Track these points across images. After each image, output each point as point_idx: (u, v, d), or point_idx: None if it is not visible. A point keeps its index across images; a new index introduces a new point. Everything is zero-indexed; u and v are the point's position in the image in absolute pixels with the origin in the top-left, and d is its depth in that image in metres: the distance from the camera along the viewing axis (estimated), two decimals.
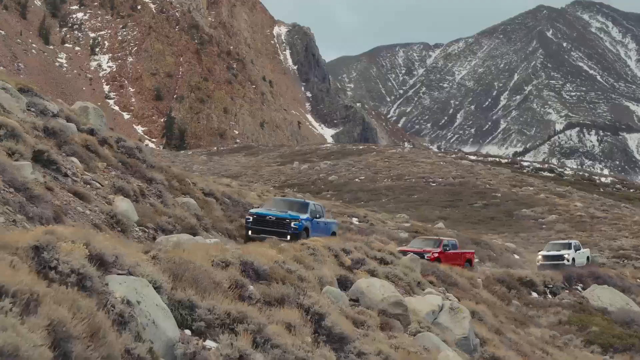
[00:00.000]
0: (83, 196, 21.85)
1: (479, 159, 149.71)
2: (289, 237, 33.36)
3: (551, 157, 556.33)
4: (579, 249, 57.24)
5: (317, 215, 37.97)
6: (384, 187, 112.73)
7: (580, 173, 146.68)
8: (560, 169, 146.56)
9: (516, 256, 59.49)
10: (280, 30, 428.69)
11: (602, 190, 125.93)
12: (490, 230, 78.58)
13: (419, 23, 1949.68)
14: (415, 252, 40.51)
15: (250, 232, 34.70)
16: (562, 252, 55.39)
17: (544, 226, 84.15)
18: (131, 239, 21.24)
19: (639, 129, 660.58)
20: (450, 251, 45.37)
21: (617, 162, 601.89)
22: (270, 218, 35.09)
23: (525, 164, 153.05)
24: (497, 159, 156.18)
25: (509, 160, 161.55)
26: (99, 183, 24.97)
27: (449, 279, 27.96)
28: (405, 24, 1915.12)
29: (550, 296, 37.52)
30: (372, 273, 21.04)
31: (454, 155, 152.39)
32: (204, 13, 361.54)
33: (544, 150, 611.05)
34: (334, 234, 39.98)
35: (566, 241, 59.78)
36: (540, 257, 55.43)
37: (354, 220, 59.68)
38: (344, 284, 18.37)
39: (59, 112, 28.56)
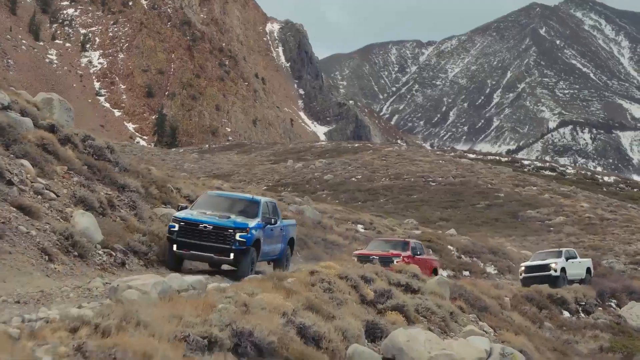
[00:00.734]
0: (30, 211, 17.17)
1: (479, 157, 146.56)
2: (231, 256, 25.59)
3: (544, 155, 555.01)
4: (574, 258, 50.01)
5: (272, 220, 28.43)
6: (382, 186, 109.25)
7: (583, 172, 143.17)
8: (562, 168, 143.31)
9: None
10: (273, 27, 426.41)
11: (605, 189, 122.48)
12: (495, 233, 74.70)
13: (412, 21, 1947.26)
14: (381, 257, 38.23)
15: (175, 247, 25.52)
16: (547, 260, 48.41)
17: (551, 229, 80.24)
18: (92, 266, 16.90)
19: (633, 127, 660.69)
20: (419, 256, 40.30)
21: (611, 160, 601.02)
22: (205, 227, 25.76)
23: (526, 162, 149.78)
24: (497, 158, 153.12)
25: (509, 158, 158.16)
26: (54, 193, 20.33)
27: (478, 302, 23.90)
28: (398, 22, 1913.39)
29: (583, 315, 33.25)
30: (401, 310, 16.90)
31: (452, 154, 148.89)
32: (196, 10, 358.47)
33: (537, 148, 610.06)
34: (292, 241, 31.86)
35: (557, 249, 53.06)
36: (522, 268, 48.66)
37: (360, 227, 55.21)
38: (372, 333, 14.15)
39: (11, 103, 23.20)
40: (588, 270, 51.21)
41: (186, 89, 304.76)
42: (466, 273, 50.30)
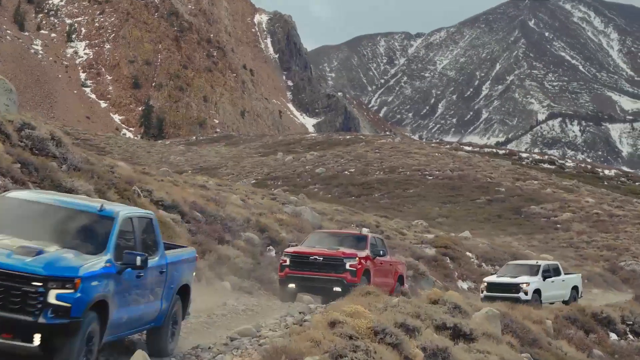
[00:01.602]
0: None
1: (475, 150, 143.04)
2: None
3: (533, 147, 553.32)
4: (556, 275, 40.79)
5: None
6: (376, 180, 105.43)
7: (583, 165, 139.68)
8: (561, 161, 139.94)
9: None
10: (261, 19, 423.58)
11: (606, 183, 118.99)
12: (500, 231, 70.85)
13: (401, 12, 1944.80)
14: (326, 258, 29.03)
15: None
16: (519, 279, 39.34)
17: (558, 226, 76.43)
18: None
19: (622, 120, 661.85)
20: (381, 257, 30.65)
21: (600, 153, 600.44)
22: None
23: (524, 155, 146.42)
24: (495, 150, 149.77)
25: (507, 151, 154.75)
26: None
27: (527, 334, 19.72)
28: (387, 14, 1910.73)
29: (631, 336, 28.95)
30: None
31: (448, 146, 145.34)
32: (183, 0, 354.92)
33: (526, 141, 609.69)
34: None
35: (534, 262, 43.21)
36: (485, 284, 39.92)
37: (365, 231, 48.11)
38: None
39: None
40: (575, 288, 42.12)
41: (173, 80, 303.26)
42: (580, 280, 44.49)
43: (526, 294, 38.58)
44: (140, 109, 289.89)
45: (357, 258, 28.56)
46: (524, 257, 49.39)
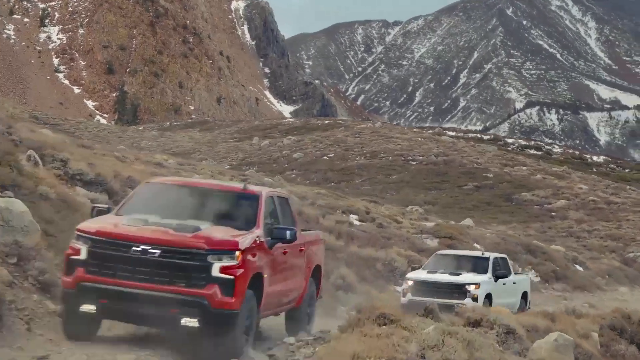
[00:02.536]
0: None
1: (459, 134, 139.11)
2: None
3: (511, 135, 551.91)
4: (506, 275, 30.36)
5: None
6: (357, 165, 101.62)
7: (570, 151, 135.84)
8: (548, 147, 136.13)
9: (577, 266, 43.57)
10: (238, 5, 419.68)
11: (595, 170, 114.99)
12: (491, 219, 66.39)
13: (379, 0, 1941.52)
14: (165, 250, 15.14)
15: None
16: (462, 277, 28.76)
17: (553, 214, 72.16)
18: None
19: (599, 108, 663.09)
20: (282, 244, 16.42)
21: (578, 141, 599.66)
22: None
23: (510, 140, 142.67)
24: (480, 135, 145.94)
25: (492, 136, 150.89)
26: None
27: (582, 354, 14.86)
28: (365, 1, 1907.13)
29: None
30: None
31: (431, 131, 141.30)
32: None
33: (504, 129, 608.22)
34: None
35: (477, 252, 33.48)
36: (410, 284, 28.93)
37: (354, 218, 40.75)
38: None
39: None
40: (524, 295, 32.19)
41: (148, 65, 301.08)
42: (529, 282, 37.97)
43: (475, 300, 27.66)
44: (114, 95, 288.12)
45: (236, 253, 14.22)
46: (542, 250, 42.61)
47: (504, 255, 33.16)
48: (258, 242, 14.86)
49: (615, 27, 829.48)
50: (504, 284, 30.40)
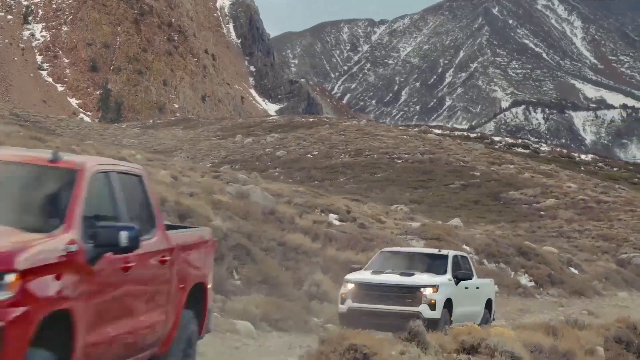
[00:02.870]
0: None
1: (445, 132, 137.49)
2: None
3: (497, 134, 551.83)
4: (469, 277, 25.67)
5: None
6: (341, 163, 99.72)
7: (558, 150, 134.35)
8: (535, 145, 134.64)
9: (573, 269, 41.34)
10: (224, 3, 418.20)
11: (583, 168, 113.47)
12: (479, 219, 64.60)
13: None
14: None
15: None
16: (414, 278, 23.98)
17: (542, 213, 70.28)
18: None
19: (585, 107, 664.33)
20: (117, 254, 9.51)
21: (563, 141, 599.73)
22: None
23: (496, 139, 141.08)
24: (466, 133, 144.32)
25: (479, 134, 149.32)
26: None
27: None
28: (351, 0, 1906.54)
29: None
30: None
31: (417, 129, 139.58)
32: None
33: (489, 128, 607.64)
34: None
35: (432, 250, 27.95)
36: (349, 287, 23.91)
37: (333, 218, 37.95)
38: None
39: None
40: (488, 304, 27.13)
41: (132, 63, 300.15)
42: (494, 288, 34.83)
43: (432, 307, 23.12)
44: (98, 92, 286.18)
45: (8, 277, 7.89)
46: (535, 252, 39.87)
47: (465, 254, 28.54)
48: (66, 253, 8.56)
49: (601, 26, 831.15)
50: (466, 288, 25.11)
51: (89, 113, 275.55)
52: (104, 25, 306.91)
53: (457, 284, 24.54)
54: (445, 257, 25.40)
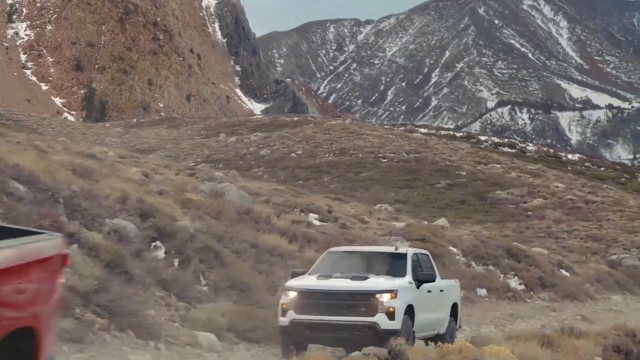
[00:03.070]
0: None
1: (431, 132, 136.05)
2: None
3: (483, 134, 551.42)
4: (432, 278, 21.98)
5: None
6: (326, 163, 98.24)
7: (545, 149, 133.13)
8: (522, 145, 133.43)
9: (564, 272, 39.79)
10: (210, 3, 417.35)
11: (570, 168, 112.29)
12: (465, 219, 63.33)
13: None
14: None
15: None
16: (369, 282, 20.32)
17: (530, 213, 69.00)
18: None
19: (571, 107, 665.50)
20: None
21: (549, 141, 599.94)
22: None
23: (483, 138, 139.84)
24: (452, 133, 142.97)
25: (465, 134, 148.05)
26: None
27: None
28: (336, 0, 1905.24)
29: None
30: None
31: (402, 128, 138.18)
32: None
33: (475, 128, 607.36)
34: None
35: (389, 249, 25.15)
36: (291, 296, 20.09)
37: (314, 217, 35.72)
38: None
39: None
40: (454, 309, 23.74)
41: (117, 62, 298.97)
42: (482, 291, 31.99)
43: (391, 316, 19.44)
44: (82, 92, 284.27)
45: None
46: (525, 254, 37.90)
47: (426, 252, 24.03)
48: None
49: (587, 26, 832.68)
50: (429, 291, 21.48)
51: (73, 112, 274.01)
52: (88, 24, 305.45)
53: (418, 287, 20.85)
54: (404, 256, 21.62)
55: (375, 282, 20.16)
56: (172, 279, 20.53)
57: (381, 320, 19.26)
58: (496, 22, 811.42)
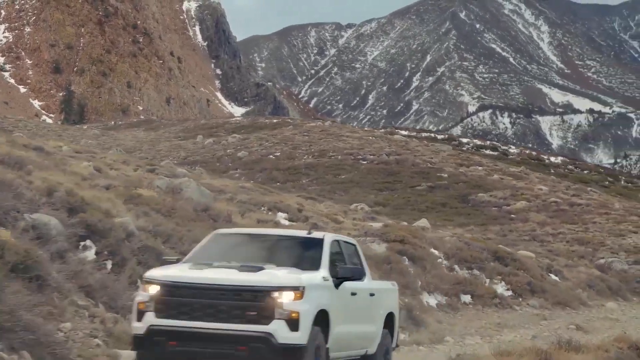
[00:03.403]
0: None
1: (412, 134, 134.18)
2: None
3: (464, 138, 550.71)
4: (359, 275, 15.74)
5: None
6: (304, 165, 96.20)
7: (527, 152, 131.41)
8: (504, 147, 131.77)
9: (554, 276, 37.15)
10: (190, 5, 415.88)
11: (553, 171, 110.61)
12: (447, 221, 61.32)
13: (331, 3, 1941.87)
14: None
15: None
16: (264, 275, 13.66)
17: (513, 216, 66.94)
18: None
19: (552, 112, 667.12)
20: None
21: (530, 145, 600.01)
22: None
23: (464, 140, 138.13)
24: (433, 135, 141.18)
25: (446, 136, 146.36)
26: None
27: None
28: (318, 4, 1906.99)
29: None
30: None
31: (383, 130, 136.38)
32: None
33: (456, 132, 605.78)
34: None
35: (298, 233, 17.03)
36: (151, 292, 13.80)
37: (282, 217, 33.10)
38: None
39: None
40: (389, 321, 17.50)
41: (96, 64, 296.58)
42: (466, 298, 29.19)
43: (293, 324, 13.49)
44: (61, 94, 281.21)
45: None
46: (513, 257, 35.00)
47: (353, 241, 17.51)
48: None
49: (568, 31, 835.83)
50: (353, 294, 15.46)
51: (51, 115, 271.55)
52: (67, 26, 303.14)
53: (337, 286, 14.71)
54: (320, 242, 15.46)
55: (272, 274, 13.76)
56: (101, 285, 16.95)
57: (279, 330, 13.29)
58: (477, 26, 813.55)
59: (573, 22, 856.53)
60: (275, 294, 13.32)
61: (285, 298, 13.28)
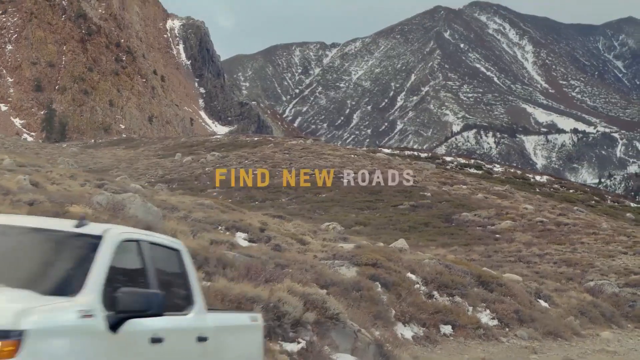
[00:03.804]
0: None
1: (395, 152, 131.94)
2: None
3: (447, 157, 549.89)
4: (155, 306, 8.29)
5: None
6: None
7: (512, 171, 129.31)
8: (488, 166, 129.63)
9: (542, 302, 34.28)
10: (174, 24, 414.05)
11: (538, 190, 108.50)
12: (429, 241, 59.08)
13: (316, 22, 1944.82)
14: None
15: None
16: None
17: (498, 236, 64.60)
18: None
19: (536, 131, 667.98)
20: None
21: (515, 165, 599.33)
22: None
23: (448, 159, 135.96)
24: (416, 153, 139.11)
25: (430, 154, 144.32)
26: None
27: None
28: (302, 23, 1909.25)
29: None
30: None
31: (365, 149, 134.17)
32: (93, 4, 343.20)
33: (440, 152, 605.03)
34: None
35: (56, 222, 9.51)
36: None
37: (241, 237, 29.58)
38: None
39: None
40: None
41: (78, 83, 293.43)
42: (447, 328, 26.17)
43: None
44: (42, 112, 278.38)
45: None
46: (498, 282, 31.54)
47: (177, 244, 10.42)
48: None
49: (552, 51, 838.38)
50: (155, 340, 8.88)
51: (32, 133, 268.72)
52: (49, 44, 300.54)
53: (116, 327, 8.19)
54: (94, 242, 8.76)
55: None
56: None
57: None
58: (462, 46, 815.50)
59: (557, 42, 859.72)
60: None
61: None
